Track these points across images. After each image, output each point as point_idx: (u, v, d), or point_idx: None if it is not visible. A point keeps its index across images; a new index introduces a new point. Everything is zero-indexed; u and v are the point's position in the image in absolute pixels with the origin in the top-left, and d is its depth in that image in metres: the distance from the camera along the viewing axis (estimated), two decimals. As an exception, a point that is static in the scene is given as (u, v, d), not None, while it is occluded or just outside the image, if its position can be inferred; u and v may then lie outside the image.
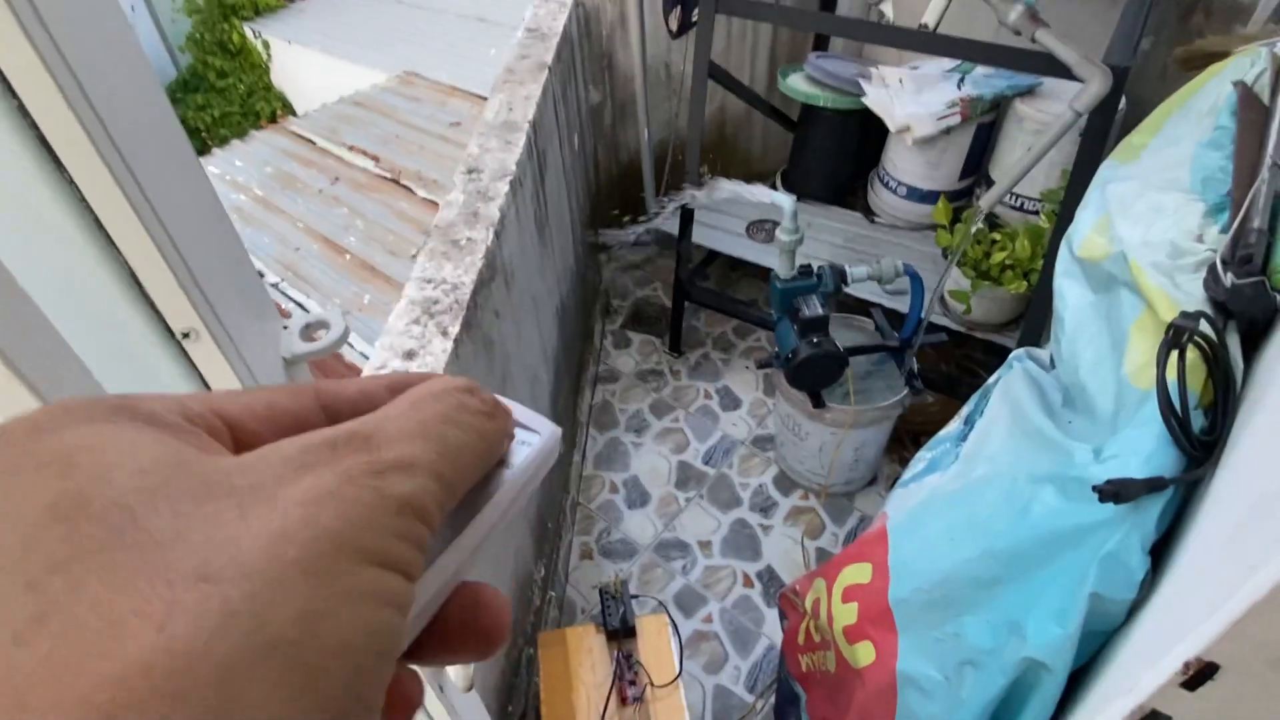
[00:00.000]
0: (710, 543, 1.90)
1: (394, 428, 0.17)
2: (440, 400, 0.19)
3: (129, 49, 0.31)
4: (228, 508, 0.14)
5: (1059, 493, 0.78)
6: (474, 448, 0.19)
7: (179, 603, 0.12)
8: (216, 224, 0.36)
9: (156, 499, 0.13)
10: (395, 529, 0.15)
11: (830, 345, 1.57)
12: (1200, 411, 0.75)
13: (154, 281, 0.32)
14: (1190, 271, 0.90)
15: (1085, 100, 1.27)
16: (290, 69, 5.53)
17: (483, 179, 1.30)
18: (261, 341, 0.40)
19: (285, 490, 0.14)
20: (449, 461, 0.17)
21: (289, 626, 0.13)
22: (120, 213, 0.29)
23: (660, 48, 2.30)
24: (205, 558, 0.13)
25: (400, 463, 0.16)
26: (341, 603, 0.13)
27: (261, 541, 0.13)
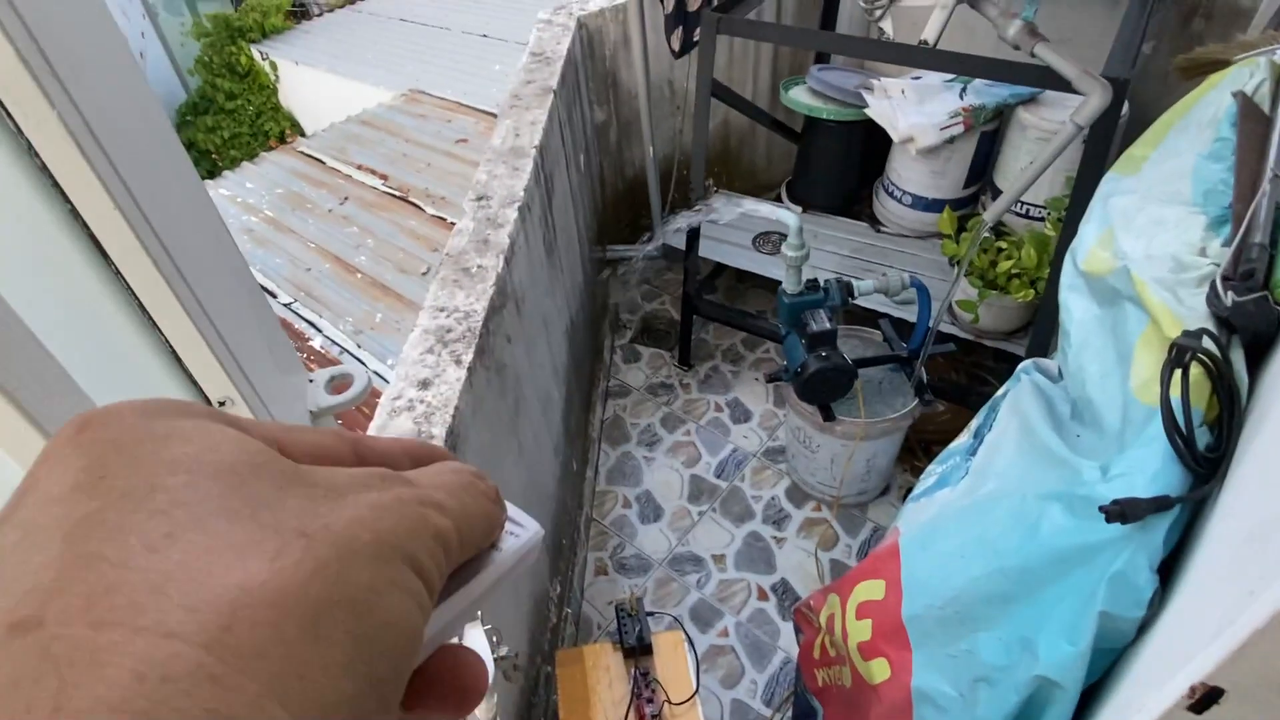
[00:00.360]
0: (724, 556, 1.91)
1: (428, 481, 0.20)
2: (459, 474, 0.22)
3: (165, 139, 0.33)
4: (314, 493, 0.17)
5: (1067, 511, 0.79)
6: (481, 519, 0.22)
7: (286, 547, 0.15)
8: (248, 294, 0.38)
9: (259, 473, 0.16)
10: (429, 549, 0.18)
11: (839, 358, 1.59)
12: (1205, 429, 0.76)
13: (193, 357, 0.34)
14: (1193, 286, 0.91)
15: (1086, 114, 1.28)
16: (298, 89, 5.60)
17: (492, 206, 1.32)
18: (290, 398, 0.42)
19: (355, 495, 0.17)
20: (465, 521, 0.20)
21: (359, 591, 0.15)
22: (160, 295, 0.31)
23: (663, 65, 2.32)
24: (303, 521, 0.16)
25: (435, 503, 0.19)
26: (392, 588, 0.16)
27: (343, 522, 0.16)
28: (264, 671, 0.13)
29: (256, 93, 5.84)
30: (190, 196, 0.34)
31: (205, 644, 0.13)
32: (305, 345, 2.85)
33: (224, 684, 0.13)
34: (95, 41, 0.30)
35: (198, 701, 0.12)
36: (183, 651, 0.13)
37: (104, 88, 0.30)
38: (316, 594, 0.15)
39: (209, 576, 0.14)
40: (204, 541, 0.14)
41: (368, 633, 0.15)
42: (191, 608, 0.13)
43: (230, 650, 0.13)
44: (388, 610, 0.16)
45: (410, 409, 0.97)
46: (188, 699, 0.12)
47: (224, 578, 0.14)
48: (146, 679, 0.12)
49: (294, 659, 0.14)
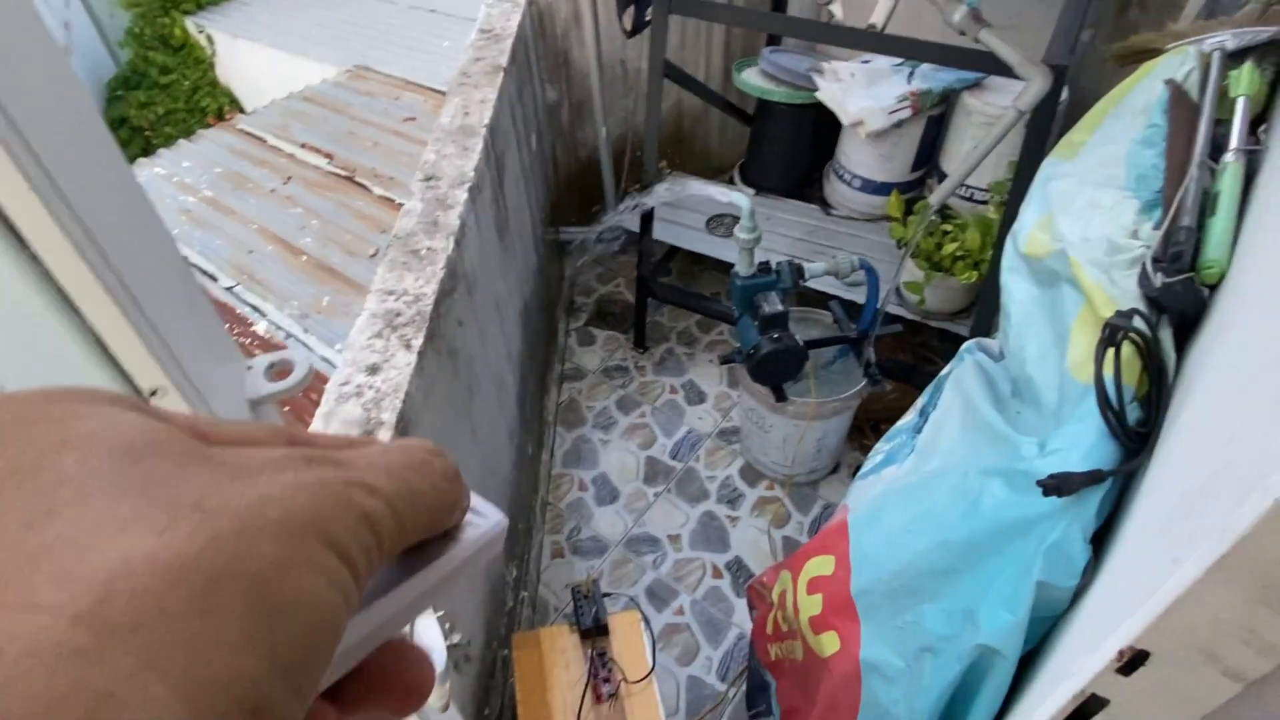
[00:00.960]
0: (679, 536, 1.93)
1: (363, 460, 0.19)
2: (408, 452, 0.20)
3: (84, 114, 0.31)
4: (220, 472, 0.16)
5: (1007, 485, 0.82)
6: (430, 501, 0.20)
7: (177, 520, 0.14)
8: (178, 278, 0.36)
9: (159, 450, 0.15)
10: (355, 532, 0.17)
11: (790, 340, 1.61)
12: (1136, 404, 0.79)
13: (120, 344, 0.33)
14: (1125, 268, 0.94)
15: (1027, 99, 1.31)
16: (237, 64, 5.38)
17: (441, 186, 1.30)
18: (227, 387, 0.41)
19: (269, 475, 0.16)
20: (406, 502, 0.19)
21: (265, 565, 0.14)
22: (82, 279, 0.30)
23: (615, 45, 2.30)
24: (200, 496, 0.15)
25: (366, 484, 0.18)
26: (305, 567, 0.15)
27: (248, 499, 0.15)
28: (142, 644, 0.12)
29: (192, 67, 5.59)
30: (111, 174, 0.32)
31: (75, 616, 0.12)
32: (249, 330, 2.76)
33: (94, 657, 0.12)
34: (3, 9, 0.28)
35: (62, 676, 0.11)
36: (48, 625, 0.12)
37: (12, 58, 0.28)
38: (209, 566, 0.14)
39: (88, 550, 0.13)
40: (87, 517, 0.14)
41: (271, 609, 0.14)
42: (64, 580, 0.12)
43: (104, 623, 0.12)
44: (296, 588, 0.15)
45: (359, 395, 0.95)
46: (51, 674, 0.11)
47: (104, 551, 0.13)
48: (4, 653, 0.11)
49: (179, 631, 0.13)
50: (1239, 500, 0.44)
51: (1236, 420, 0.55)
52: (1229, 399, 0.60)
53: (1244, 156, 1.02)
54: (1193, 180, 0.99)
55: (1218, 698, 0.49)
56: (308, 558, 0.15)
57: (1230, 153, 1.03)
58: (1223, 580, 0.43)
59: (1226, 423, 0.57)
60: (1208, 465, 0.56)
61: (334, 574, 0.16)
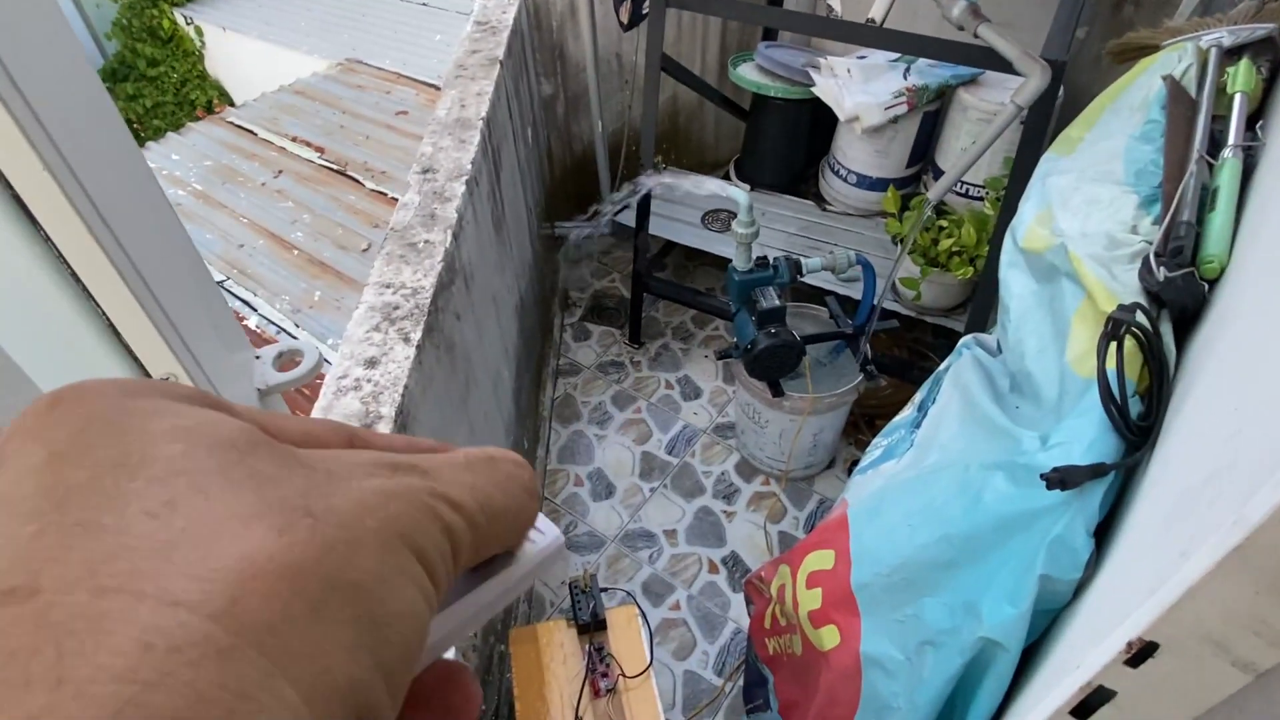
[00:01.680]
0: (675, 531, 1.93)
1: (448, 473, 0.18)
2: (494, 466, 0.20)
3: (101, 103, 0.31)
4: (315, 475, 0.15)
5: (1009, 479, 0.82)
6: (510, 518, 0.20)
7: (294, 523, 0.14)
8: (189, 264, 0.36)
9: (258, 450, 0.15)
10: (438, 545, 0.16)
11: (788, 335, 1.61)
12: (1138, 398, 0.80)
13: (132, 329, 0.32)
14: (1126, 263, 0.95)
15: (1026, 95, 1.32)
16: (226, 56, 5.33)
17: (438, 179, 1.29)
18: (236, 375, 0.40)
19: (359, 481, 0.16)
20: (485, 519, 0.18)
21: (366, 577, 0.14)
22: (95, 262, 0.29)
23: (611, 38, 2.29)
24: (308, 500, 0.15)
25: (450, 498, 0.17)
26: (400, 577, 0.15)
27: (349, 504, 0.15)
28: (273, 647, 0.12)
29: (181, 60, 5.54)
30: (124, 158, 0.31)
31: (213, 615, 0.12)
32: (241, 325, 2.74)
33: (234, 658, 0.12)
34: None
35: (206, 674, 0.11)
36: (189, 621, 0.12)
37: (28, 40, 0.27)
38: (325, 573, 0.14)
39: (214, 545, 0.13)
40: (208, 509, 0.14)
41: (376, 619, 0.14)
42: (197, 576, 0.12)
43: (239, 623, 0.12)
44: (395, 599, 0.15)
45: (357, 388, 0.94)
46: (196, 671, 0.11)
47: (230, 547, 0.13)
48: (154, 648, 0.11)
49: (303, 637, 0.13)
50: (1249, 493, 0.44)
51: (1242, 415, 0.55)
52: (1233, 393, 0.60)
53: (1242, 152, 1.03)
54: (1192, 176, 0.99)
55: (1226, 689, 0.49)
56: (402, 568, 0.15)
57: (1228, 149, 1.03)
58: (1234, 571, 0.43)
59: (1231, 417, 0.57)
60: (1212, 459, 0.56)
61: (421, 585, 0.16)
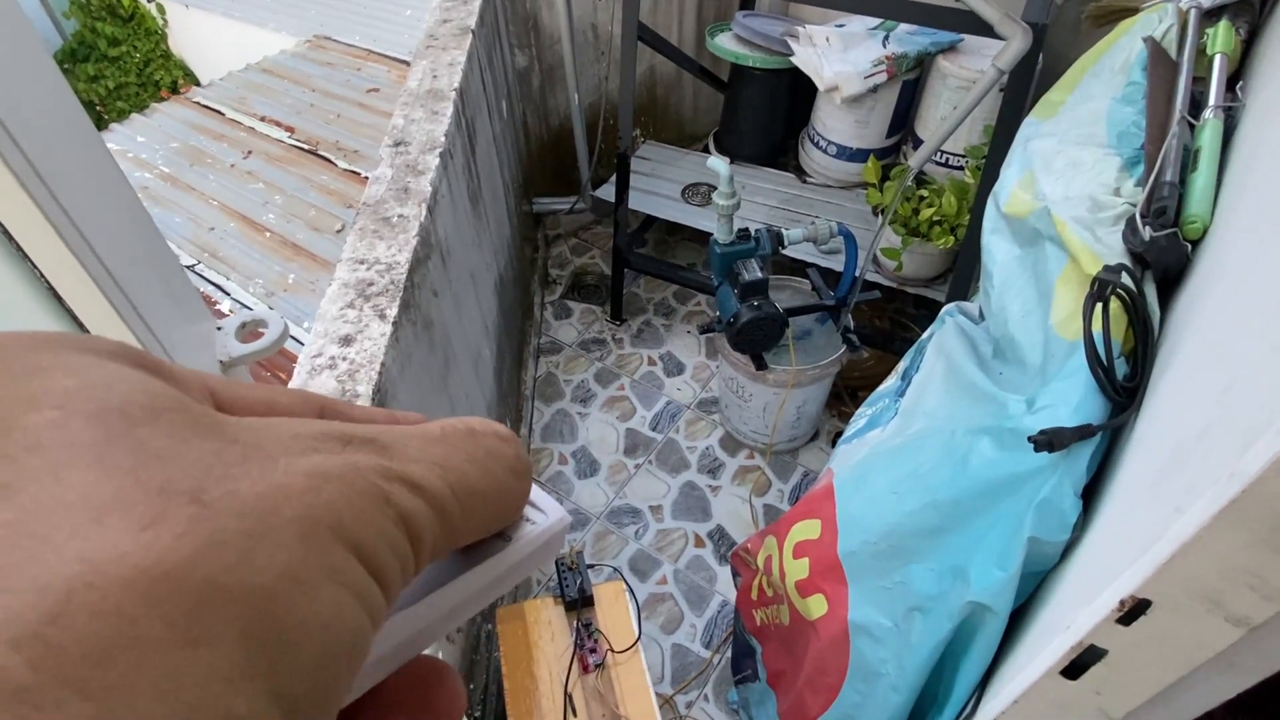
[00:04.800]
0: (661, 507, 1.93)
1: (415, 448, 0.16)
2: (472, 440, 0.17)
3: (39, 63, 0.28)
4: (230, 450, 0.13)
5: (995, 444, 0.82)
6: (488, 500, 0.17)
7: (169, 513, 0.11)
8: (140, 228, 0.33)
9: (158, 418, 0.12)
10: (388, 537, 0.14)
11: (770, 308, 1.60)
12: (1123, 359, 0.79)
13: (75, 294, 0.30)
14: (1110, 225, 0.94)
15: (1007, 58, 1.30)
16: (190, 35, 5.18)
17: (411, 152, 1.25)
18: (196, 346, 0.38)
19: (290, 459, 0.13)
20: (458, 503, 0.16)
21: (272, 580, 0.11)
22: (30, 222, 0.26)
23: (586, 8, 2.24)
24: (202, 484, 0.12)
25: (410, 479, 0.15)
26: (324, 580, 0.12)
27: (261, 488, 0.12)
28: (101, 685, 0.09)
29: (143, 38, 5.37)
30: (59, 106, 0.29)
31: (14, 640, 0.09)
32: (213, 310, 2.68)
33: (35, 702, 0.09)
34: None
35: None
36: None
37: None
38: (201, 577, 0.11)
39: (43, 546, 0.10)
40: (55, 495, 0.11)
41: (276, 635, 0.11)
42: (6, 588, 0.10)
43: (51, 652, 0.09)
44: (313, 606, 0.12)
45: (332, 366, 0.91)
46: None
47: (66, 548, 0.10)
48: None
49: (154, 666, 0.10)
50: (1244, 446, 0.43)
51: (1233, 370, 0.55)
52: (1222, 349, 0.60)
53: (1223, 113, 1.03)
54: (1174, 137, 0.99)
55: (1219, 644, 0.48)
56: (328, 567, 0.12)
57: (1209, 109, 1.03)
58: (1230, 525, 0.43)
59: (1221, 372, 0.56)
60: (1203, 415, 0.56)
61: (359, 587, 0.13)
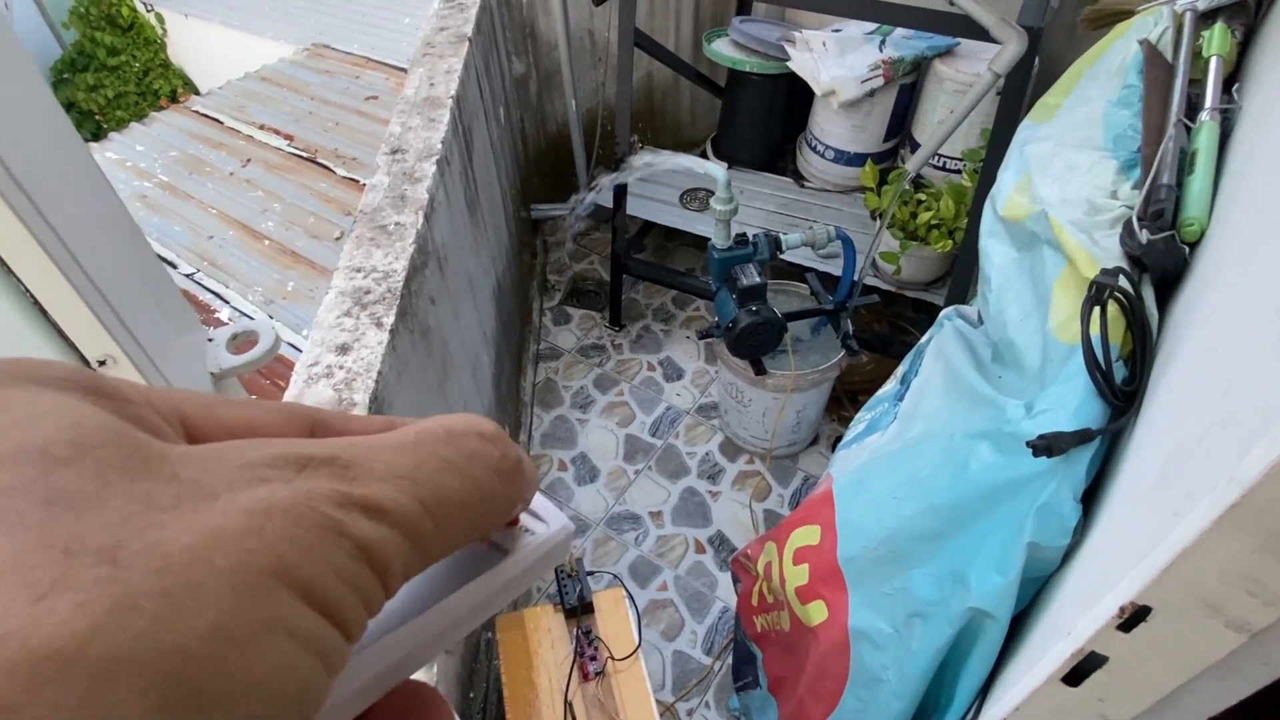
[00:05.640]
0: (661, 513, 1.92)
1: (382, 463, 0.14)
2: (450, 444, 0.16)
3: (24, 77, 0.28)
4: (162, 491, 0.12)
5: (994, 448, 0.81)
6: (470, 507, 0.15)
7: (71, 577, 0.10)
8: (127, 240, 0.33)
9: (83, 457, 0.11)
10: (345, 573, 0.13)
11: (769, 312, 1.60)
12: (1121, 363, 0.79)
13: (60, 307, 0.29)
14: (1107, 228, 0.94)
15: (1003, 61, 1.30)
16: (189, 44, 5.20)
17: (408, 159, 1.25)
18: (186, 359, 0.37)
19: (233, 494, 0.12)
20: (432, 517, 0.14)
21: (195, 642, 0.10)
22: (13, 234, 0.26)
23: (583, 15, 2.24)
24: (119, 537, 0.11)
25: (370, 503, 0.13)
26: (264, 634, 0.11)
27: (190, 537, 0.11)
28: None
29: (142, 48, 5.38)
30: (46, 120, 0.29)
31: None
32: (212, 318, 2.69)
33: None
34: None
35: None
36: None
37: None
38: (104, 654, 0.10)
39: None
40: None
41: (199, 704, 0.10)
42: None
43: None
44: (246, 666, 0.11)
45: (329, 375, 0.91)
46: None
47: None
48: None
49: None
50: (1243, 450, 0.43)
51: (1232, 373, 0.54)
52: (1221, 352, 0.59)
53: (1219, 115, 1.02)
54: (1171, 140, 0.99)
55: (1219, 650, 0.48)
56: (267, 619, 0.11)
57: (1205, 112, 1.03)
58: (1229, 531, 0.42)
59: (1220, 376, 0.56)
60: (1202, 419, 0.55)
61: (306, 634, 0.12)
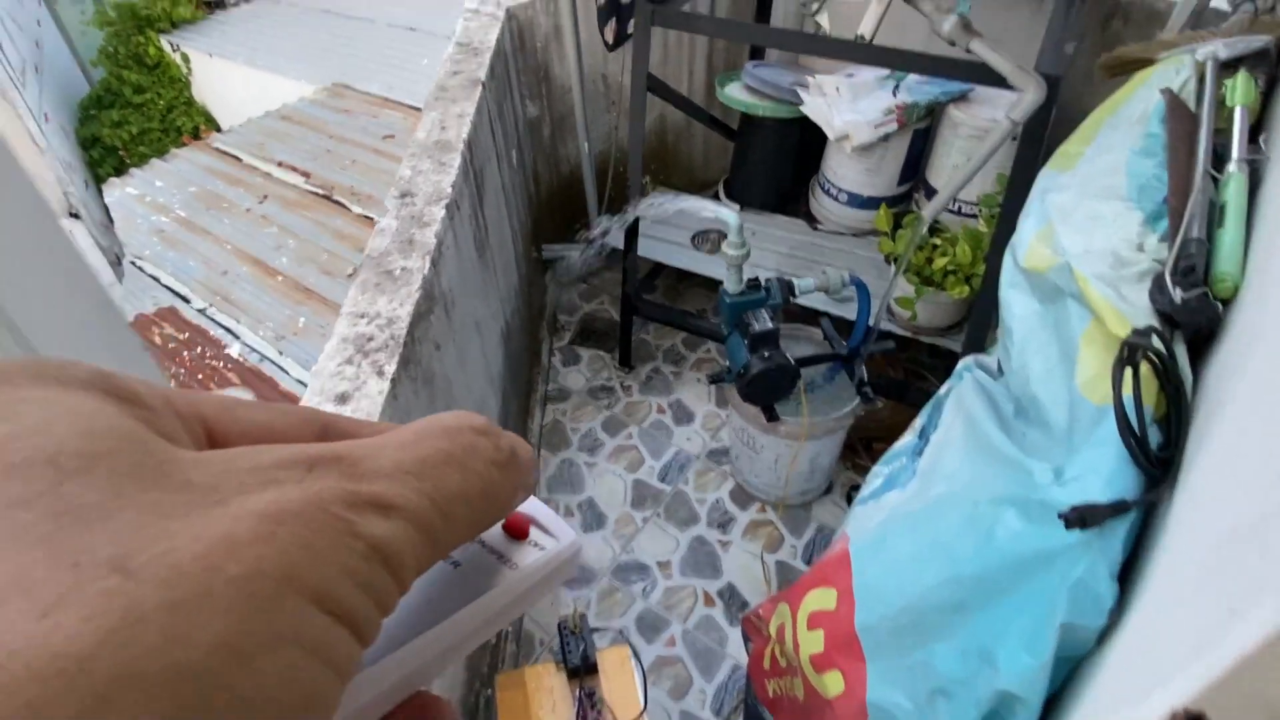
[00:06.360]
0: (669, 563, 1.86)
1: (387, 460, 0.15)
2: (448, 438, 0.16)
3: None
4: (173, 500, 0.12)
5: (1022, 516, 0.77)
6: (472, 500, 0.16)
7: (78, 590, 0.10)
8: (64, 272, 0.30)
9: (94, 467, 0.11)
10: (358, 574, 0.13)
11: (782, 358, 1.56)
12: (1155, 426, 0.75)
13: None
14: (1134, 282, 0.90)
15: (1022, 109, 1.28)
16: (213, 83, 5.32)
17: (416, 203, 1.24)
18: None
19: (244, 498, 0.12)
20: (440, 511, 0.15)
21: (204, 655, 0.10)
22: None
23: (597, 59, 2.26)
24: (129, 547, 0.11)
25: (381, 500, 0.14)
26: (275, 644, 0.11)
27: (201, 546, 0.11)
28: None
29: (167, 86, 5.51)
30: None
31: None
32: (222, 353, 2.68)
33: None
34: None
35: None
36: None
37: None
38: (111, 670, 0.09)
39: None
40: None
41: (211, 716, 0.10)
42: None
43: None
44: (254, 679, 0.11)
45: (326, 426, 0.88)
46: None
47: None
48: None
49: None
50: (1311, 546, 0.39)
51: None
52: (1271, 421, 0.55)
53: (1247, 166, 1.00)
54: (1199, 192, 0.96)
55: (1287, 768, 0.43)
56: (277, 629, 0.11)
57: (1233, 163, 1.00)
58: (1300, 640, 0.38)
59: (1274, 450, 0.52)
60: (1257, 501, 0.51)
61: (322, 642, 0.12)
